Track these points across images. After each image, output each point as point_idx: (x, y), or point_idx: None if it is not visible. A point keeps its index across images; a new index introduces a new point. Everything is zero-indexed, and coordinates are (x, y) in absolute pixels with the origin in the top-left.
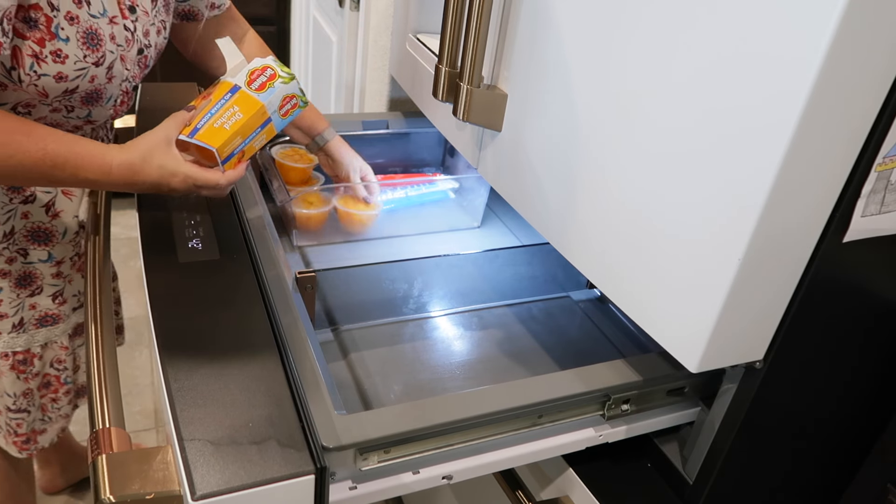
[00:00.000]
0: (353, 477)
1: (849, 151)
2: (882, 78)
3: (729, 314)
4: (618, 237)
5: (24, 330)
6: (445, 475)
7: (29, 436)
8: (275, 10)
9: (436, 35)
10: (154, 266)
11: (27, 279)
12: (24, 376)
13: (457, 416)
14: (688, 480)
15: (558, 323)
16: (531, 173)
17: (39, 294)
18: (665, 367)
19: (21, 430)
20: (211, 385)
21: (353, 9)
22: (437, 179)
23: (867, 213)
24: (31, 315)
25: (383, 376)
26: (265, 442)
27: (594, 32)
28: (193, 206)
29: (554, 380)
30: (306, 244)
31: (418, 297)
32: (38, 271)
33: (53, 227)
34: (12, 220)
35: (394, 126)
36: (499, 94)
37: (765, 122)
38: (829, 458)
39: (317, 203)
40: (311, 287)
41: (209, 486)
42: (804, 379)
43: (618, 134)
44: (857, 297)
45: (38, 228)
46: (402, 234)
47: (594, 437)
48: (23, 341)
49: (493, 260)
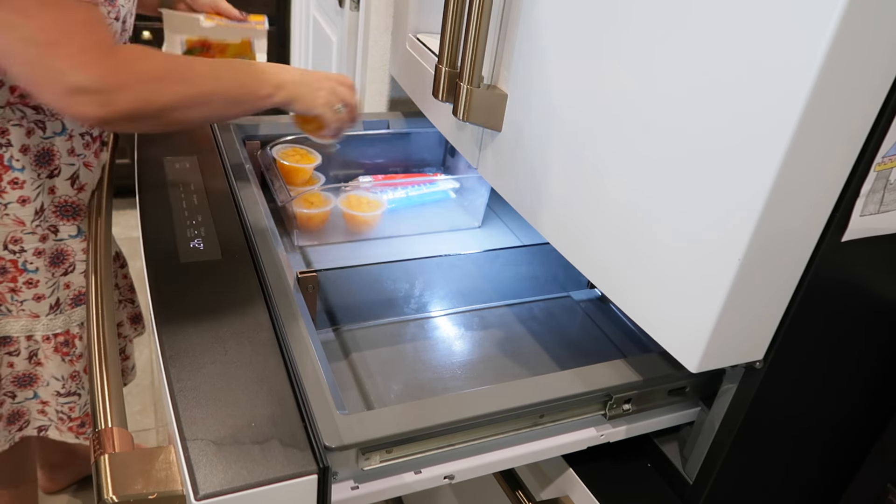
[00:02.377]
0: (355, 477)
1: (848, 152)
2: (882, 78)
3: (729, 314)
4: (617, 237)
5: (60, 311)
6: (447, 475)
7: (83, 419)
8: (275, 10)
9: (436, 35)
10: (156, 266)
11: (60, 257)
12: (68, 358)
13: (459, 416)
14: (688, 480)
15: (559, 323)
16: (531, 173)
17: (72, 272)
18: (666, 367)
19: (74, 413)
20: (213, 385)
21: (353, 9)
22: (438, 179)
23: (866, 213)
24: (66, 295)
25: (385, 376)
26: (268, 442)
27: (592, 34)
28: (195, 207)
29: (555, 379)
30: (307, 244)
31: (419, 297)
32: (70, 248)
33: (80, 201)
34: (41, 196)
35: (394, 126)
36: (499, 94)
37: (764, 124)
38: (829, 458)
39: (318, 203)
40: (313, 287)
41: (212, 486)
42: (804, 379)
43: (616, 135)
44: (856, 296)
45: (66, 203)
46: (403, 234)
47: (596, 436)
48: (61, 322)
49: (494, 260)
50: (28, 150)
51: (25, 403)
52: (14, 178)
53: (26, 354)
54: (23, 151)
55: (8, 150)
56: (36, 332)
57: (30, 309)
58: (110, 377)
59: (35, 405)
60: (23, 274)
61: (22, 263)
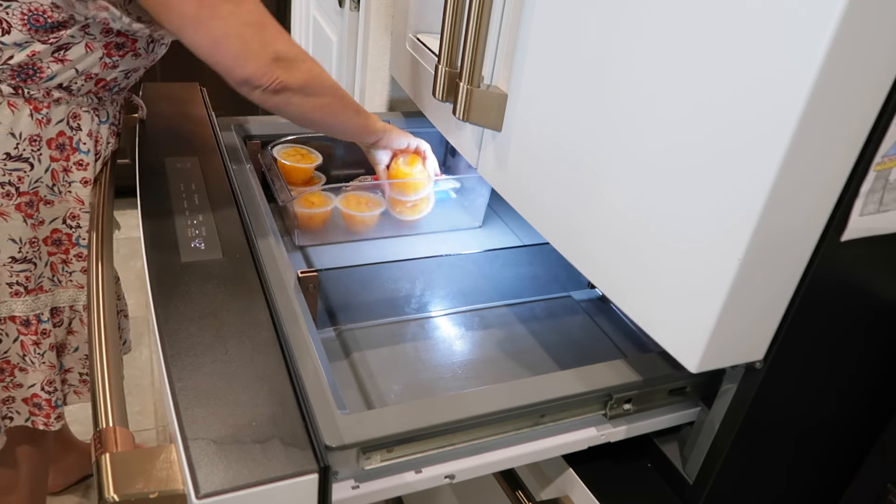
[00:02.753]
0: (356, 476)
1: (848, 152)
2: (882, 77)
3: (729, 314)
4: (616, 237)
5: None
6: (448, 474)
7: None
8: (275, 10)
9: (436, 35)
10: (157, 266)
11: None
12: None
13: (460, 416)
14: (688, 480)
15: (560, 323)
16: (531, 174)
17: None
18: (666, 367)
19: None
20: (214, 384)
21: (353, 9)
22: (439, 179)
23: (866, 213)
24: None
25: (385, 376)
26: (269, 441)
27: (592, 34)
28: (196, 207)
29: (556, 379)
30: (308, 244)
31: (420, 297)
32: None
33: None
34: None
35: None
36: (499, 94)
37: (763, 125)
38: (829, 458)
39: (319, 203)
40: (314, 287)
41: (213, 485)
42: (804, 379)
43: (615, 134)
44: (856, 296)
45: None
46: (404, 233)
47: (596, 436)
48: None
49: (494, 260)
50: (91, 134)
51: None
52: (80, 160)
53: (66, 323)
54: (89, 136)
55: (77, 134)
56: (79, 302)
57: (77, 280)
58: (111, 376)
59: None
60: (74, 247)
61: (76, 238)
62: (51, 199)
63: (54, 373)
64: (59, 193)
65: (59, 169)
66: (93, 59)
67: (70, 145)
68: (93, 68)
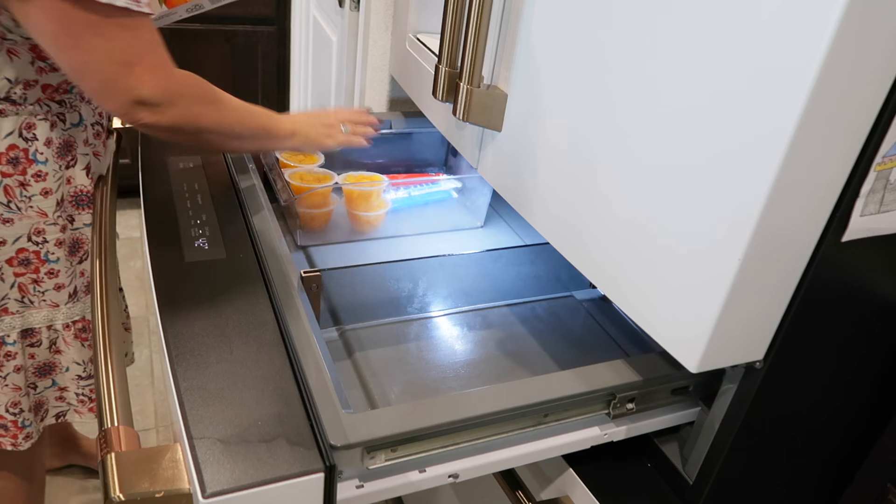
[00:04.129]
0: (361, 475)
1: (848, 152)
2: (882, 78)
3: (729, 314)
4: (616, 237)
5: (77, 298)
6: (452, 474)
7: None
8: (275, 10)
9: (436, 35)
10: (161, 265)
11: (76, 246)
12: (87, 343)
13: (463, 415)
14: (688, 480)
15: (562, 322)
16: (531, 174)
17: (87, 260)
18: (668, 367)
19: (95, 395)
20: (219, 383)
21: (353, 9)
22: (441, 179)
23: (866, 213)
24: (81, 282)
25: (388, 375)
26: (274, 440)
27: (592, 35)
28: (199, 206)
29: (559, 379)
30: (310, 244)
31: (422, 297)
32: (84, 236)
33: (92, 190)
34: (61, 188)
35: (395, 126)
36: (499, 94)
37: (763, 126)
38: (829, 457)
39: (321, 203)
40: (317, 286)
41: (219, 485)
42: (804, 379)
43: (615, 136)
44: (856, 296)
45: (81, 192)
46: (406, 233)
47: (599, 435)
48: (78, 309)
49: (496, 259)
50: (51, 142)
51: (45, 393)
52: (38, 171)
53: (47, 344)
54: (47, 144)
55: (33, 144)
56: (56, 321)
57: (51, 299)
58: (116, 377)
59: (53, 393)
60: (45, 265)
61: (44, 254)
62: (10, 218)
63: (19, 394)
64: (17, 210)
65: (13, 184)
66: (21, 64)
67: (25, 157)
68: (27, 75)
